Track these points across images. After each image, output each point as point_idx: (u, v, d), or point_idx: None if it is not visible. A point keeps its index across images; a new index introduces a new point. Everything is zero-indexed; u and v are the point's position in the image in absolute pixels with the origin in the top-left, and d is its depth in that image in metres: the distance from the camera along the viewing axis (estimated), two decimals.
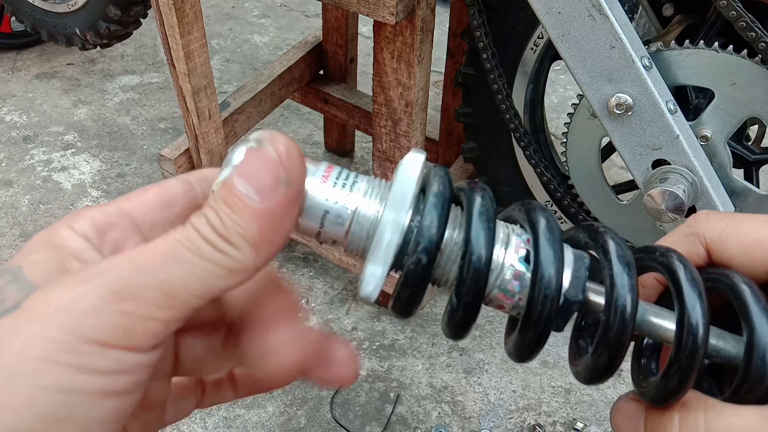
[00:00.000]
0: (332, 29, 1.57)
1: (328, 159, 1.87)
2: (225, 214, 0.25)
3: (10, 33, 2.19)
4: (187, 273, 0.24)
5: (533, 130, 1.19)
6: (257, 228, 0.25)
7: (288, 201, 0.26)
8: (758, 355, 0.26)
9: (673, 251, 0.28)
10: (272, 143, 0.26)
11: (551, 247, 0.27)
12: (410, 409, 1.30)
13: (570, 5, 0.87)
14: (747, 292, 0.27)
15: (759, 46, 0.85)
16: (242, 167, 0.26)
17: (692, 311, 0.26)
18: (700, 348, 0.26)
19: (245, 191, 0.25)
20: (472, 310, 0.27)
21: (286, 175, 0.25)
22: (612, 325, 0.26)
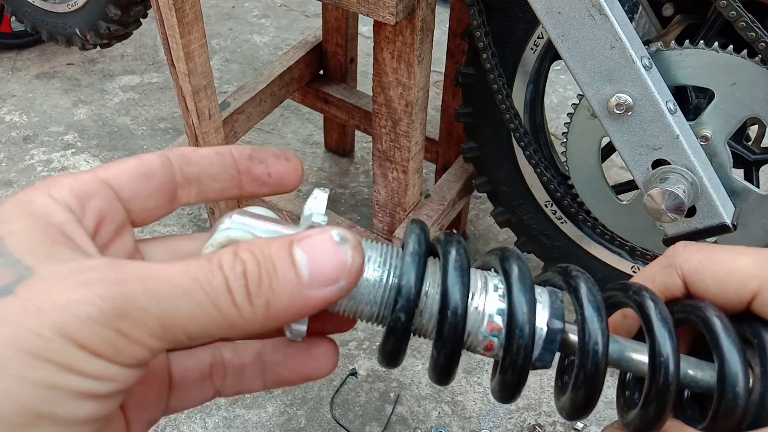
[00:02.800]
0: (332, 29, 1.57)
1: (328, 159, 1.87)
2: (266, 272, 0.25)
3: (10, 33, 2.18)
4: (192, 314, 0.24)
5: (533, 130, 1.19)
6: (285, 303, 0.25)
7: (326, 302, 0.25)
8: (729, 387, 0.27)
9: (646, 289, 0.30)
10: (354, 249, 0.26)
11: (523, 295, 0.28)
12: (410, 409, 1.30)
13: (570, 5, 0.87)
14: (718, 325, 0.28)
15: (759, 46, 0.85)
16: (311, 245, 0.25)
17: (663, 346, 0.28)
18: (672, 379, 0.27)
19: (302, 266, 0.25)
20: (452, 359, 0.29)
21: (344, 283, 0.25)
22: (586, 367, 0.28)
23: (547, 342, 0.29)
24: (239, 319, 0.24)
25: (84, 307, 0.22)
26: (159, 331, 0.23)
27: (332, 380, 1.34)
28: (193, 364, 0.32)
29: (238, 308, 0.24)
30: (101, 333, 0.23)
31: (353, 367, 1.36)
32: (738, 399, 0.27)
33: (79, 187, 0.27)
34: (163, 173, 0.30)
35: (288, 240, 0.26)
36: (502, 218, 1.32)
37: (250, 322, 0.25)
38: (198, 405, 0.33)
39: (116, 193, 0.28)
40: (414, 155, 1.17)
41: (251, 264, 0.25)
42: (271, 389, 0.33)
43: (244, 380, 0.32)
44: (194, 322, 0.24)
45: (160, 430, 1.24)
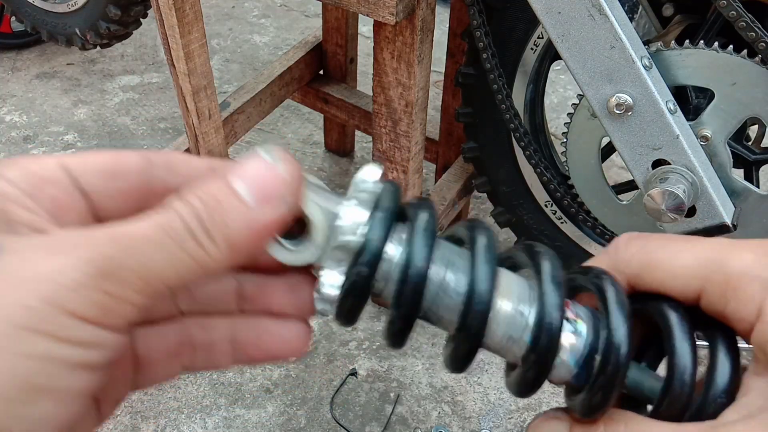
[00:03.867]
0: (332, 29, 1.57)
1: (328, 159, 1.87)
2: (214, 210, 0.25)
3: (10, 33, 2.18)
4: (165, 261, 0.24)
5: (533, 130, 1.19)
6: (242, 232, 0.25)
7: (280, 218, 0.26)
8: (677, 377, 0.28)
9: (606, 274, 0.30)
10: (284, 161, 0.26)
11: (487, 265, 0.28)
12: (410, 409, 1.30)
13: (570, 5, 0.87)
14: (672, 315, 0.28)
15: (759, 46, 0.85)
16: (246, 171, 0.26)
17: (617, 331, 0.28)
18: (622, 366, 0.27)
19: (244, 194, 0.25)
20: (408, 320, 0.29)
21: (290, 197, 0.26)
22: (540, 343, 0.28)
23: None
24: (208, 258, 0.25)
25: (71, 274, 0.22)
26: (140, 284, 0.24)
27: (332, 380, 1.34)
28: (159, 342, 0.31)
29: (204, 249, 0.25)
30: (90, 296, 0.22)
31: (353, 367, 1.36)
32: (684, 388, 0.27)
33: (35, 171, 0.26)
34: (137, 178, 0.29)
35: (223, 175, 0.26)
36: (502, 218, 1.32)
37: (218, 260, 0.25)
38: (164, 381, 0.32)
39: (78, 182, 0.27)
40: (414, 155, 1.17)
41: (199, 206, 0.25)
42: (240, 365, 0.33)
43: (212, 357, 0.32)
44: (170, 269, 0.24)
45: (160, 430, 1.24)
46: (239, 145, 1.89)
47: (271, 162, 0.26)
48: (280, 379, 1.33)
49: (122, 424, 1.25)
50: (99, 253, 0.23)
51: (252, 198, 0.25)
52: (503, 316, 0.29)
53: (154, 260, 0.24)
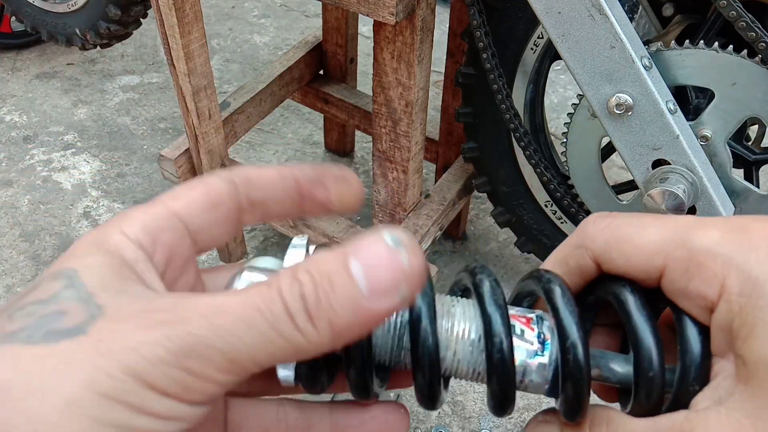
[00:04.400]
0: (332, 29, 1.57)
1: (328, 159, 1.87)
2: (324, 292, 0.24)
3: (10, 33, 2.18)
4: (258, 344, 0.24)
5: (533, 130, 1.19)
6: (348, 320, 0.24)
7: (390, 311, 0.24)
8: (644, 372, 0.28)
9: (555, 278, 0.30)
10: (410, 251, 0.24)
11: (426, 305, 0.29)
12: (410, 409, 1.30)
13: (570, 5, 0.87)
14: (631, 304, 0.29)
15: (759, 46, 0.85)
16: (365, 254, 0.24)
17: (569, 331, 0.28)
18: (583, 364, 0.28)
19: (359, 279, 0.24)
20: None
21: (407, 291, 0.24)
22: (495, 362, 0.29)
23: None
24: (304, 342, 0.24)
25: (153, 348, 0.23)
26: (227, 365, 0.24)
27: None
28: (254, 416, 0.32)
29: (301, 332, 0.24)
30: (170, 373, 0.23)
31: None
32: (654, 383, 0.28)
33: (151, 222, 0.27)
34: (231, 200, 0.29)
35: (342, 252, 0.25)
36: (502, 218, 1.32)
37: (316, 344, 0.24)
38: None
39: (186, 226, 0.28)
40: (414, 155, 1.17)
41: (308, 285, 0.24)
42: None
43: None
44: (261, 351, 0.24)
45: None
46: (239, 145, 1.89)
47: (393, 247, 0.24)
48: None
49: None
50: (185, 331, 0.23)
51: (366, 286, 0.24)
52: (457, 349, 0.29)
53: (244, 341, 0.23)
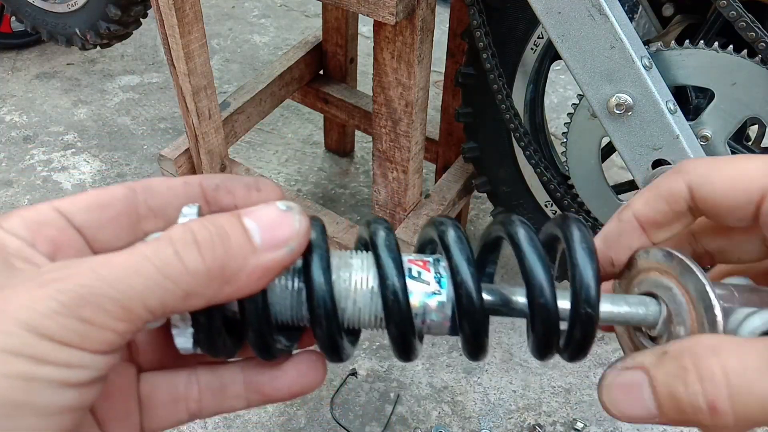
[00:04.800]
0: (332, 29, 1.57)
1: (328, 159, 1.87)
2: (218, 238, 0.26)
3: (10, 33, 2.18)
4: (147, 289, 0.25)
5: (533, 130, 1.19)
6: (240, 267, 0.26)
7: (280, 264, 0.27)
8: (536, 299, 0.29)
9: (449, 222, 0.31)
10: (299, 213, 0.28)
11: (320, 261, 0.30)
12: (410, 409, 1.30)
13: (570, 5, 0.87)
14: (522, 238, 0.30)
15: (759, 46, 0.85)
16: (259, 214, 0.27)
17: (460, 268, 0.29)
18: (475, 299, 0.29)
19: (254, 233, 0.27)
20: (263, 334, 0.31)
21: (296, 245, 0.28)
22: (391, 305, 0.29)
23: None
24: (194, 284, 0.26)
25: (45, 303, 0.24)
26: (120, 312, 0.25)
27: (332, 380, 1.34)
28: (164, 385, 0.32)
29: (192, 274, 0.26)
30: (66, 323, 0.24)
31: (353, 367, 1.36)
32: (546, 310, 0.29)
33: (31, 217, 0.28)
34: (123, 204, 0.30)
35: (236, 212, 0.28)
36: None
37: (205, 286, 0.26)
38: (172, 426, 0.33)
39: (69, 220, 0.29)
40: (414, 155, 1.17)
41: (202, 231, 0.26)
42: (255, 407, 0.34)
43: (224, 400, 0.33)
44: (151, 296, 0.25)
45: None
46: (239, 145, 1.89)
47: (284, 210, 0.28)
48: None
49: None
50: (75, 283, 0.24)
51: (260, 238, 0.27)
52: (357, 298, 0.30)
53: (133, 288, 0.25)
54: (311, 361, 0.33)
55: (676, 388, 0.25)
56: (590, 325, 0.29)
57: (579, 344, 0.29)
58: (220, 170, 1.35)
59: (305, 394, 0.33)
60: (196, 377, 0.33)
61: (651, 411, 0.26)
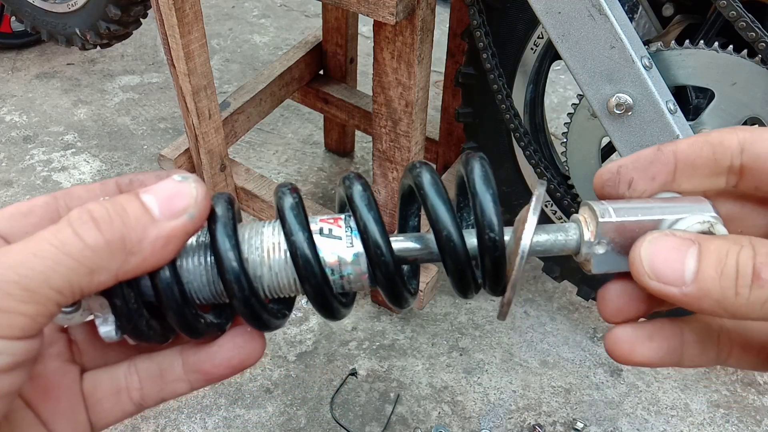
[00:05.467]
0: (332, 29, 1.57)
1: (328, 159, 1.87)
2: (116, 213, 0.27)
3: (10, 33, 2.18)
4: (48, 269, 0.25)
5: (533, 130, 1.19)
6: (141, 236, 0.27)
7: (182, 230, 0.28)
8: (439, 234, 0.30)
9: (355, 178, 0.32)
10: (194, 181, 0.29)
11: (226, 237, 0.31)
12: (410, 409, 1.30)
13: (570, 5, 0.87)
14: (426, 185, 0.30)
15: (759, 46, 0.85)
16: (155, 189, 0.29)
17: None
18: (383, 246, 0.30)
19: (151, 206, 0.28)
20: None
21: (194, 211, 0.28)
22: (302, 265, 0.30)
23: None
24: (96, 258, 0.26)
25: None
26: (24, 294, 0.25)
27: (332, 380, 1.34)
28: (106, 379, 0.33)
29: (92, 248, 0.26)
30: None
31: (353, 367, 1.36)
32: (451, 241, 0.30)
33: None
34: (44, 210, 0.31)
35: (133, 191, 0.29)
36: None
37: (107, 258, 0.27)
38: (121, 419, 0.34)
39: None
40: (414, 155, 1.17)
41: (99, 209, 0.27)
42: (199, 388, 0.35)
43: (165, 385, 0.33)
44: (54, 275, 0.26)
45: (160, 429, 1.24)
46: (239, 144, 1.89)
47: (180, 180, 0.29)
48: (280, 379, 1.33)
49: (122, 423, 1.25)
50: None
51: (158, 209, 0.28)
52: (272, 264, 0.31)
53: (35, 269, 0.25)
54: (245, 333, 0.33)
55: (730, 253, 0.26)
56: (496, 249, 0.29)
57: (492, 273, 0.30)
58: (220, 170, 1.35)
59: (247, 368, 0.33)
60: (135, 367, 0.33)
61: (685, 276, 0.26)
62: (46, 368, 0.32)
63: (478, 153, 0.32)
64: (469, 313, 1.47)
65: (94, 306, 0.30)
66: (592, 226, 0.30)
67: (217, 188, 1.37)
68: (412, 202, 0.35)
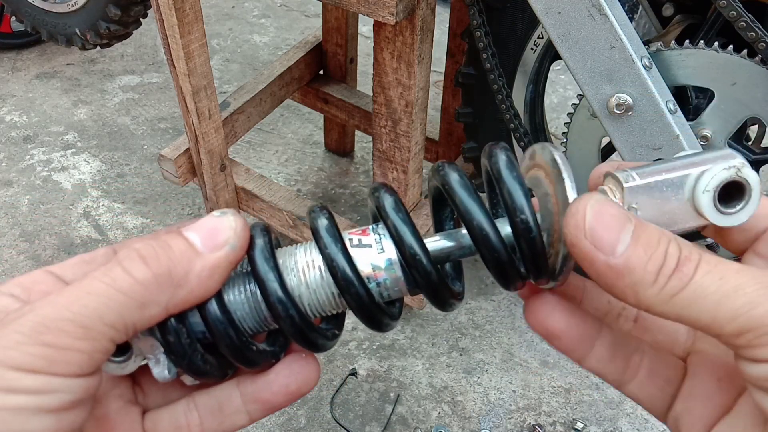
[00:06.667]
0: (332, 29, 1.57)
1: (328, 159, 1.87)
2: (161, 249, 0.28)
3: (10, 33, 2.18)
4: (102, 305, 0.26)
5: (533, 130, 1.19)
6: (186, 269, 0.29)
7: (226, 260, 0.30)
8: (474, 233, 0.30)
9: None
10: (234, 216, 0.30)
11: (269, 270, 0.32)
12: (410, 409, 1.30)
13: (570, 5, 0.87)
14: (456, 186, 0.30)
15: (759, 46, 0.85)
16: (196, 226, 0.30)
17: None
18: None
19: (195, 241, 0.29)
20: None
21: (235, 242, 0.30)
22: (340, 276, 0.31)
23: None
24: (145, 292, 0.27)
25: (9, 336, 0.25)
26: (80, 331, 0.26)
27: (332, 380, 1.34)
28: (166, 417, 0.34)
29: (141, 283, 0.27)
30: (30, 350, 0.25)
31: (353, 367, 1.36)
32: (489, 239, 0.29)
33: (25, 279, 0.30)
34: (105, 258, 0.32)
35: (175, 229, 0.30)
36: None
37: (156, 291, 0.28)
38: None
39: (59, 277, 0.31)
40: (414, 155, 1.17)
41: (145, 247, 0.29)
42: (258, 419, 0.35)
43: (225, 418, 0.34)
44: (106, 311, 0.27)
45: None
46: (239, 144, 1.89)
47: (219, 216, 0.30)
48: None
49: None
50: (35, 314, 0.26)
51: (201, 243, 0.29)
52: (309, 281, 0.31)
53: (88, 306, 0.26)
54: (300, 359, 0.33)
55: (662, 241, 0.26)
56: (530, 231, 0.29)
57: (531, 257, 0.29)
58: (220, 170, 1.35)
59: (304, 394, 0.33)
60: (194, 402, 0.34)
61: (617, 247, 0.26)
62: (108, 409, 0.32)
63: (499, 143, 0.31)
64: (469, 313, 1.47)
65: (146, 348, 0.30)
66: (618, 194, 0.29)
67: (217, 188, 1.37)
68: (443, 204, 0.35)
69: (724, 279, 0.25)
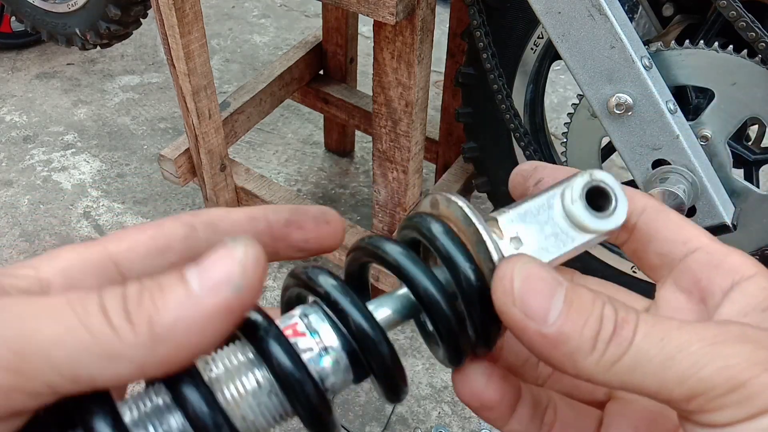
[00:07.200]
0: (332, 29, 1.57)
1: (328, 159, 1.87)
2: (149, 291, 0.21)
3: (10, 33, 2.19)
4: (56, 336, 0.20)
5: (533, 130, 1.19)
6: (174, 318, 0.21)
7: (225, 307, 0.21)
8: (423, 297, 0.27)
9: (315, 270, 0.28)
10: (246, 244, 0.22)
11: None
12: (410, 409, 1.30)
13: (570, 5, 0.87)
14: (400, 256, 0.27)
15: (759, 46, 0.85)
16: (204, 259, 0.22)
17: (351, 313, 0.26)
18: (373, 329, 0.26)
19: (190, 278, 0.22)
20: None
21: (241, 281, 0.22)
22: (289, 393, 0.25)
23: None
24: (117, 342, 0.20)
25: None
26: (13, 360, 0.19)
27: None
28: None
29: (114, 329, 0.20)
30: None
31: None
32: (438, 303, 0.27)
33: (75, 265, 0.24)
34: (184, 247, 0.26)
35: (184, 267, 0.23)
36: None
37: (131, 345, 0.20)
38: None
39: (122, 271, 0.25)
40: (414, 155, 1.17)
41: (133, 286, 0.22)
42: None
43: None
44: (59, 346, 0.20)
45: None
46: (239, 144, 1.89)
47: (230, 244, 0.22)
48: None
49: None
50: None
51: (198, 282, 0.21)
52: (246, 403, 0.25)
53: (41, 330, 0.20)
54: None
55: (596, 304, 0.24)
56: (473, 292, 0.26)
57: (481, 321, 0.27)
58: (220, 170, 1.35)
59: None
60: None
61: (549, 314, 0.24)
62: None
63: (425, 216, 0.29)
64: None
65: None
66: (497, 230, 0.28)
67: (217, 188, 1.37)
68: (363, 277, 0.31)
69: (665, 339, 0.23)
